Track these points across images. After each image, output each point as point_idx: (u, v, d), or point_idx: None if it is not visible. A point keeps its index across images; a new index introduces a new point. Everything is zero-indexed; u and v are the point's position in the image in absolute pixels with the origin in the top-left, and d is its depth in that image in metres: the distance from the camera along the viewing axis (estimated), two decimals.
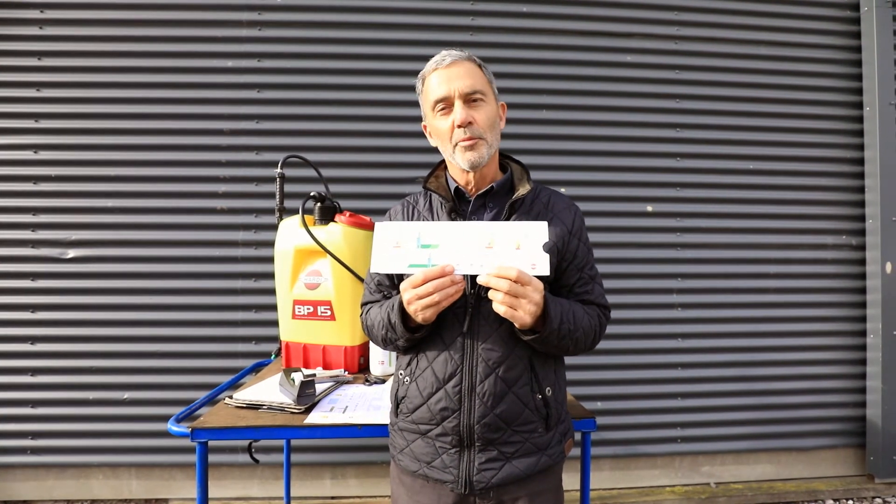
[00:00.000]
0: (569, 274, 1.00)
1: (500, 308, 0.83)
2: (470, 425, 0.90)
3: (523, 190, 0.98)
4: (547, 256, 0.86)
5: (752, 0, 2.45)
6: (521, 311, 0.83)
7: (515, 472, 0.92)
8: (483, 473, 0.91)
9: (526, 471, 0.92)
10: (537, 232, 0.87)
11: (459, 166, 0.97)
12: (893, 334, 2.40)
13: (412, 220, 1.04)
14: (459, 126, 0.93)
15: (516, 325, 0.86)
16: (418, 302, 0.85)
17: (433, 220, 1.01)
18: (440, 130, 0.96)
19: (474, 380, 0.91)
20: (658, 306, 2.40)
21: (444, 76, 0.94)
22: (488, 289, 0.85)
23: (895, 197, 2.43)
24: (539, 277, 0.90)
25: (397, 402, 0.99)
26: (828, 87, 2.50)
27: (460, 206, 1.00)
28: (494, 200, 0.99)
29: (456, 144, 0.94)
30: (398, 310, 0.91)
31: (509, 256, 0.85)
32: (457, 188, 1.00)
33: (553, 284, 0.98)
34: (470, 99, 0.94)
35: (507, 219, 0.96)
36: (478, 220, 0.98)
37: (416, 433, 0.95)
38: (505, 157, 1.07)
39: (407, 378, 0.97)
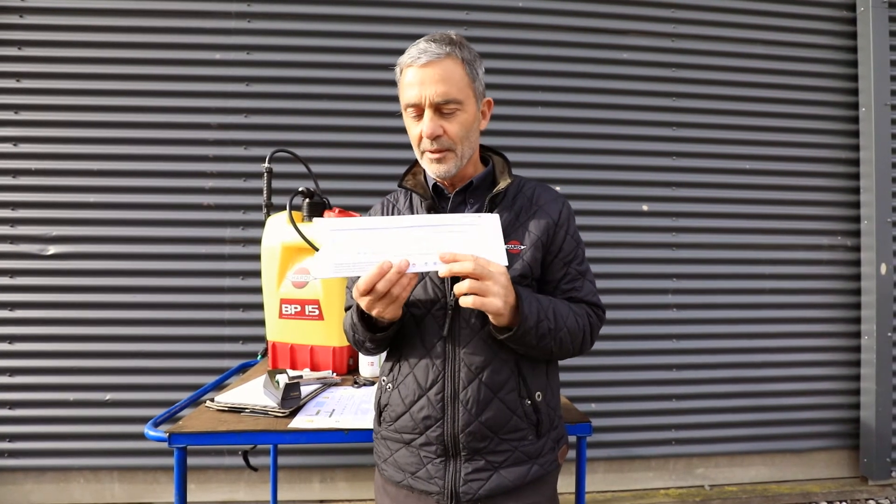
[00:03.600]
0: (554, 268, 0.93)
1: (467, 300, 0.76)
2: (454, 434, 0.86)
3: (503, 183, 0.92)
4: (503, 247, 0.79)
5: None
6: (491, 295, 0.76)
7: (504, 483, 0.86)
8: (470, 484, 0.86)
9: (515, 481, 0.87)
10: (489, 224, 0.80)
11: (428, 173, 0.93)
12: (888, 336, 2.40)
13: None
14: (427, 138, 0.87)
15: (491, 320, 0.81)
16: (377, 303, 0.79)
17: None
18: (410, 133, 0.91)
19: (457, 386, 0.86)
20: (653, 307, 2.38)
21: (416, 77, 0.86)
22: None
23: (890, 198, 2.42)
24: (524, 276, 0.88)
25: (380, 410, 0.95)
26: (824, 87, 2.49)
27: (440, 203, 0.95)
28: (475, 196, 0.94)
29: (424, 152, 0.90)
30: (356, 310, 0.87)
31: (464, 248, 0.78)
32: (435, 184, 0.95)
33: (539, 281, 0.93)
34: (441, 108, 0.86)
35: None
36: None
37: (400, 442, 0.90)
38: (487, 150, 1.01)
39: (389, 385, 0.93)
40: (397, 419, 0.90)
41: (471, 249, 0.79)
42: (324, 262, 0.78)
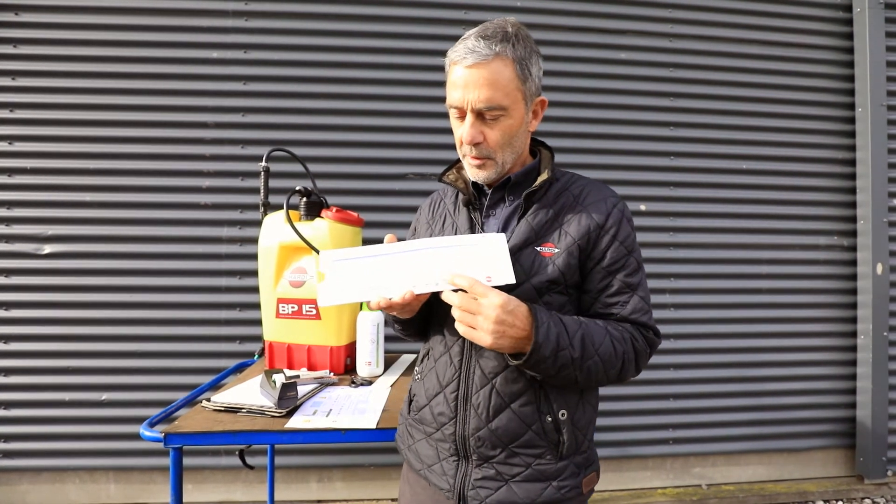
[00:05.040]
0: (594, 277, 0.85)
1: (460, 328, 0.75)
2: (464, 436, 0.85)
3: (539, 179, 0.87)
4: (510, 264, 0.78)
5: None
6: (480, 330, 0.73)
7: (514, 498, 0.82)
8: (478, 490, 0.83)
9: (526, 499, 0.82)
10: (494, 244, 0.79)
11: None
12: (884, 335, 2.40)
13: (437, 213, 0.99)
14: (467, 144, 0.84)
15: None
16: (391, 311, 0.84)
17: (455, 213, 0.94)
18: (454, 132, 0.87)
19: (470, 388, 0.85)
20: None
21: (461, 78, 0.80)
22: None
23: (886, 198, 2.43)
24: (555, 283, 0.83)
25: (410, 399, 0.98)
26: (820, 87, 2.50)
27: (479, 199, 0.92)
28: (514, 192, 0.89)
29: (465, 155, 0.87)
30: None
31: (468, 268, 0.78)
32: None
33: (580, 290, 0.87)
34: (484, 114, 0.81)
35: (524, 213, 0.87)
36: (494, 213, 0.91)
37: (422, 433, 0.92)
38: (537, 143, 0.96)
39: (418, 375, 0.96)
40: (420, 410, 0.92)
41: (477, 267, 0.78)
42: (328, 291, 0.80)
